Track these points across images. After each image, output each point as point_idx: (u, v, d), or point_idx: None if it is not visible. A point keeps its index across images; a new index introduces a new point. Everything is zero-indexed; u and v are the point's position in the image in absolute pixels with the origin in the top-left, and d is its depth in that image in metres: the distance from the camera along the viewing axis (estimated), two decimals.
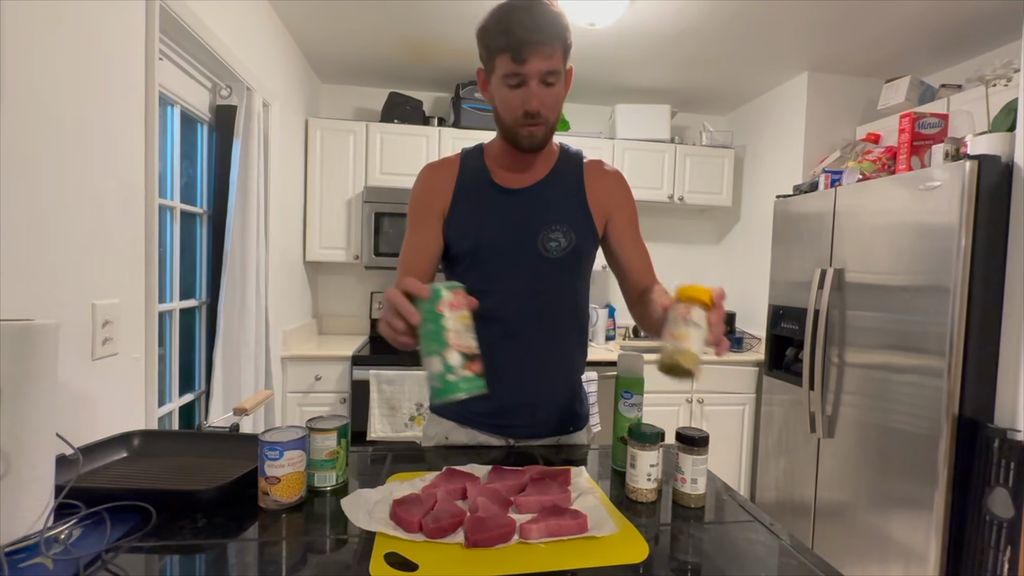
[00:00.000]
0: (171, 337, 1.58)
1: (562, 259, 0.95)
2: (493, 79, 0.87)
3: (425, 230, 0.95)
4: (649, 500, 0.75)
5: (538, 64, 0.82)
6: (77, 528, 0.61)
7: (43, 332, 0.60)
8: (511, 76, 0.84)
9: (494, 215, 0.94)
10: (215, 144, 1.76)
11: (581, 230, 0.96)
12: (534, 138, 0.89)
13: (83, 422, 0.97)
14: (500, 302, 0.93)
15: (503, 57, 0.83)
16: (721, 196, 2.92)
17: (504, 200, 0.95)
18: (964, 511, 1.57)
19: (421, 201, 0.97)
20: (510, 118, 0.88)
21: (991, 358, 1.57)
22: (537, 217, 0.94)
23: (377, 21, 2.16)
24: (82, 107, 0.96)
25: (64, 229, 0.92)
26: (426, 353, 0.64)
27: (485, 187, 0.96)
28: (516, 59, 0.82)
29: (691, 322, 0.66)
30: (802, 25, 2.08)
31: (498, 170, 0.97)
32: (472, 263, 0.95)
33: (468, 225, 0.94)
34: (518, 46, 0.81)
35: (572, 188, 0.97)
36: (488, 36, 0.84)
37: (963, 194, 1.53)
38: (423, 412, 2.28)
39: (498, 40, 0.82)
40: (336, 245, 2.65)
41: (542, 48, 0.81)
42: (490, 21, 0.84)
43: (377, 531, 0.63)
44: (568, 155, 1.00)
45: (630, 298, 1.01)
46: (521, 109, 0.85)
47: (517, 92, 0.85)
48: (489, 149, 0.99)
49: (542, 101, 0.85)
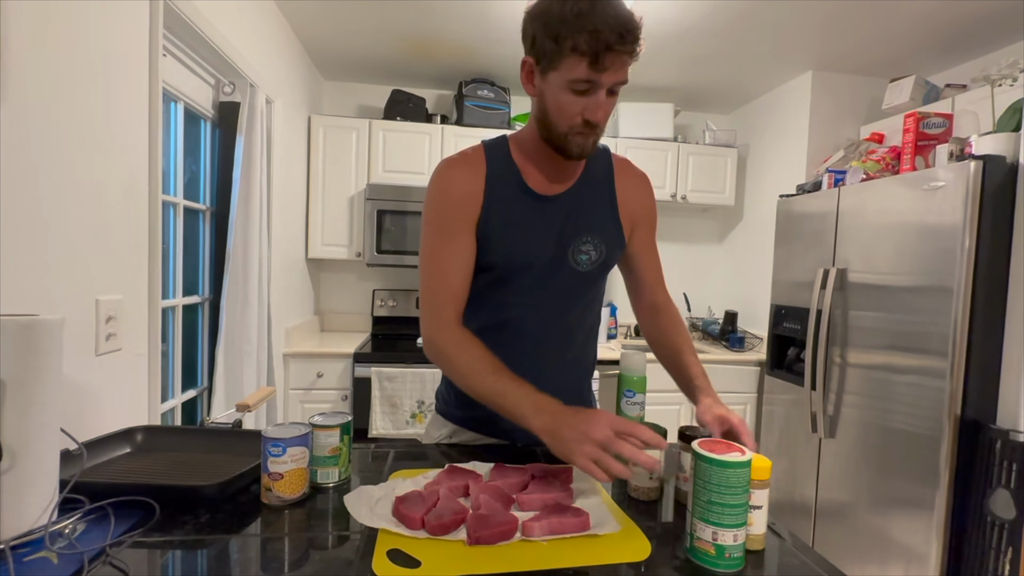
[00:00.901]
0: (174, 333, 1.58)
1: (591, 272, 0.91)
2: (552, 76, 0.77)
3: (462, 238, 0.86)
4: (651, 499, 0.76)
5: (615, 74, 0.74)
6: (81, 523, 0.61)
7: (47, 327, 0.60)
8: (582, 82, 0.74)
9: (527, 226, 0.87)
10: (218, 141, 1.76)
11: (611, 242, 0.92)
12: (585, 148, 0.82)
13: (87, 417, 0.97)
14: (524, 313, 0.90)
15: (578, 59, 0.73)
16: (724, 195, 2.92)
17: (538, 209, 0.88)
18: (965, 512, 1.56)
19: (451, 204, 0.86)
20: (566, 125, 0.79)
21: (994, 359, 1.56)
22: (570, 228, 0.89)
23: (380, 18, 2.15)
24: (85, 103, 0.96)
25: (67, 225, 0.92)
26: (711, 521, 0.59)
27: (517, 191, 0.88)
28: (595, 66, 0.72)
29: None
30: (807, 24, 2.07)
31: (530, 170, 0.88)
32: (500, 275, 0.89)
33: (500, 235, 0.86)
34: (602, 52, 0.71)
35: (604, 195, 0.93)
36: (562, 29, 0.72)
37: (967, 194, 1.53)
38: (424, 410, 2.29)
39: (577, 38, 0.71)
40: (338, 242, 2.65)
41: (625, 57, 0.73)
42: (567, 10, 0.72)
43: (380, 528, 0.63)
44: (597, 151, 0.93)
45: (640, 308, 1.02)
46: (581, 117, 0.78)
47: (581, 99, 0.76)
48: (519, 145, 0.90)
49: (605, 112, 0.78)
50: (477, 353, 0.81)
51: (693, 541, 0.60)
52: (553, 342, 0.92)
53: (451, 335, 0.84)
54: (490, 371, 0.79)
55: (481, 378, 0.79)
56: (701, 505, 0.59)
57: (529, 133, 0.88)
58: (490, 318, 0.91)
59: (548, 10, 0.74)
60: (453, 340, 0.84)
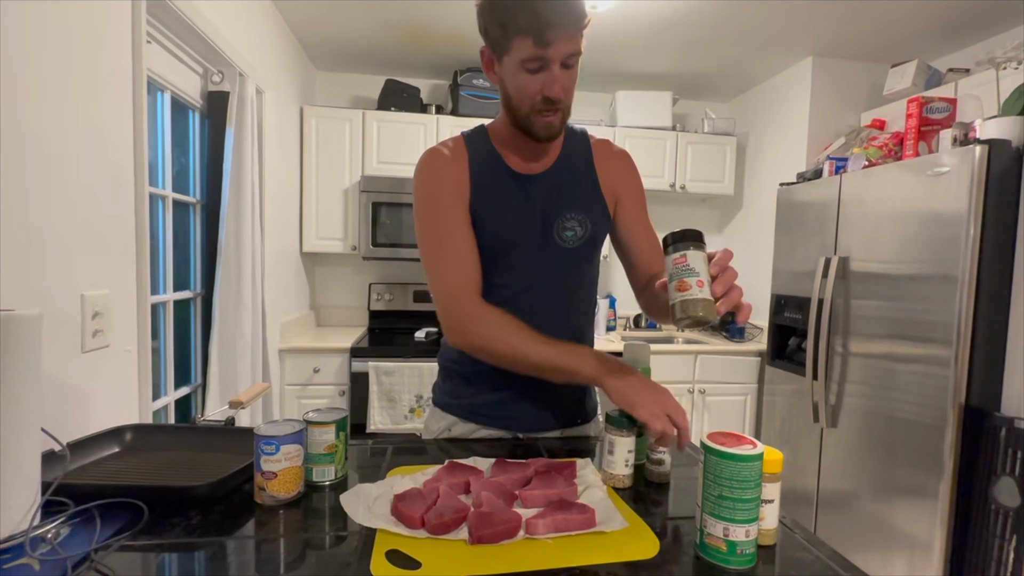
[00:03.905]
0: (165, 329, 1.55)
1: (578, 248, 0.91)
2: (506, 61, 0.79)
3: (459, 221, 0.87)
4: (626, 486, 0.75)
5: (563, 47, 0.75)
6: (65, 527, 0.58)
7: (25, 323, 0.58)
8: (531, 60, 0.76)
9: (511, 205, 0.89)
10: (207, 132, 1.71)
11: (596, 217, 0.92)
12: (552, 128, 0.83)
13: (73, 417, 0.94)
14: (515, 293, 0.90)
15: (523, 39, 0.74)
16: (723, 184, 2.89)
17: (520, 187, 0.89)
18: (970, 500, 1.56)
19: (444, 189, 0.87)
20: (527, 105, 0.80)
21: (998, 347, 1.55)
22: (553, 205, 0.90)
23: (373, 5, 2.11)
24: (67, 92, 0.92)
25: (50, 218, 0.89)
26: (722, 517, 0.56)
27: (499, 172, 0.90)
28: (539, 42, 0.73)
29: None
30: (807, 9, 2.04)
31: (509, 154, 0.90)
32: (490, 256, 0.89)
33: (487, 216, 0.88)
34: (544, 28, 0.72)
35: (584, 172, 0.93)
36: (503, 13, 0.74)
37: (972, 180, 1.51)
38: (423, 404, 2.27)
39: (518, 19, 0.73)
40: (333, 235, 2.61)
41: (569, 29, 0.74)
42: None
43: (378, 527, 0.60)
44: (574, 134, 0.96)
45: (637, 284, 0.98)
46: (540, 95, 0.79)
47: (536, 77, 0.77)
48: (495, 132, 0.92)
49: (564, 87, 0.79)
50: (516, 324, 0.82)
51: (703, 537, 0.58)
52: (544, 322, 0.89)
53: (480, 314, 0.84)
54: (540, 340, 0.80)
55: (534, 346, 0.80)
56: (711, 500, 0.57)
57: (501, 121, 0.90)
58: None
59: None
60: (484, 319, 0.83)
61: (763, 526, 0.60)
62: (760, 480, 0.57)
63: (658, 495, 0.75)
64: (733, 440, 0.59)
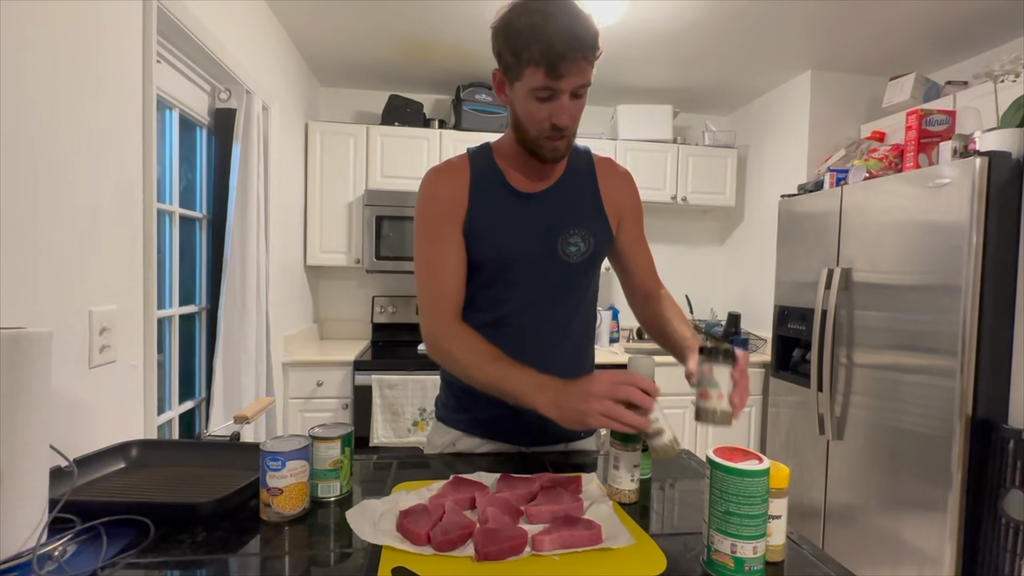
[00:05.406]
0: (171, 344, 1.56)
1: (581, 263, 0.93)
2: (518, 87, 0.81)
3: (450, 241, 0.89)
4: (632, 501, 0.74)
5: (574, 79, 0.77)
6: (72, 544, 0.59)
7: (35, 340, 0.58)
8: (542, 89, 0.78)
9: (514, 222, 0.90)
10: (214, 148, 1.74)
11: (599, 234, 0.94)
12: (558, 152, 0.85)
13: (80, 432, 0.94)
14: (519, 308, 0.91)
15: (535, 69, 0.76)
16: (724, 196, 2.90)
17: (522, 205, 0.91)
18: (979, 513, 1.54)
19: (439, 209, 0.90)
20: (535, 130, 0.83)
21: (1004, 357, 1.54)
22: (556, 222, 0.91)
23: (377, 21, 2.14)
24: (78, 110, 0.94)
25: (60, 234, 0.90)
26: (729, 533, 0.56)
27: (501, 191, 0.91)
28: (551, 74, 0.76)
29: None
30: (805, 23, 2.06)
31: (512, 172, 0.92)
32: (493, 272, 0.91)
33: (488, 233, 0.89)
34: (556, 60, 0.74)
35: (587, 190, 0.95)
36: (519, 42, 0.76)
37: (973, 191, 1.51)
38: (426, 417, 2.26)
39: (532, 50, 0.75)
40: (337, 249, 2.63)
41: (580, 63, 0.76)
42: (522, 24, 0.76)
43: (383, 544, 0.60)
44: (578, 152, 0.97)
45: (634, 299, 1.03)
46: (548, 123, 0.81)
47: (546, 105, 0.79)
48: (499, 150, 0.94)
49: (572, 115, 0.81)
50: (477, 344, 0.84)
51: (711, 554, 0.58)
52: (547, 336, 0.93)
53: (450, 331, 0.88)
54: (491, 359, 0.81)
55: (483, 366, 0.81)
56: (718, 516, 0.57)
57: (508, 139, 0.92)
58: (486, 316, 0.92)
59: (507, 25, 0.78)
60: (452, 335, 0.87)
61: (771, 542, 0.60)
62: (767, 496, 0.57)
63: (665, 510, 0.74)
64: (739, 455, 0.59)
